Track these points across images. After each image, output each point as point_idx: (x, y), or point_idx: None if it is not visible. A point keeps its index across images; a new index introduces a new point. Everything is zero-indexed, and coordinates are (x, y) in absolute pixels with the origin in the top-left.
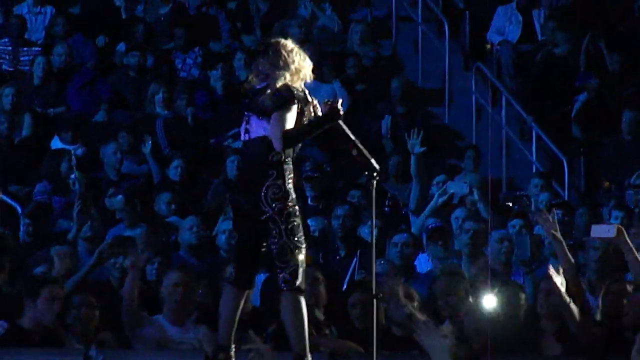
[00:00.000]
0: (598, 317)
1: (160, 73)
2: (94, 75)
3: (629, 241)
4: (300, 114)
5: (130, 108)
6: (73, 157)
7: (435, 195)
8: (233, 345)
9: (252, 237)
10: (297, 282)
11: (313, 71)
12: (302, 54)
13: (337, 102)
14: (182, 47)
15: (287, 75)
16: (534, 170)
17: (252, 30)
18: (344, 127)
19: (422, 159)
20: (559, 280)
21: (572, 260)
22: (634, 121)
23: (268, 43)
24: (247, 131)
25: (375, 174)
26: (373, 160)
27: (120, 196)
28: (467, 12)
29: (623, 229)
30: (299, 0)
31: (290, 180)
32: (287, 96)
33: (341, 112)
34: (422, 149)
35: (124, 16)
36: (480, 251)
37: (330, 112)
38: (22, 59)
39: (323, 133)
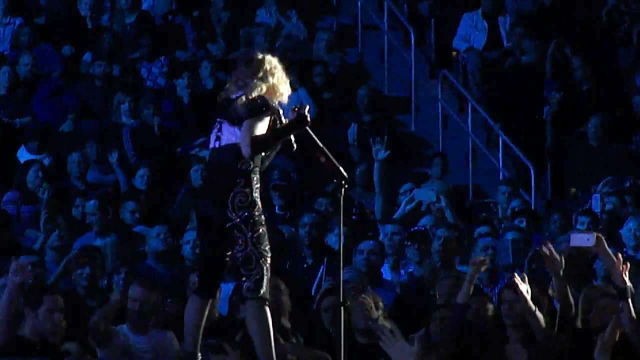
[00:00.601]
0: (578, 323)
1: (126, 82)
2: (60, 85)
3: (608, 249)
4: (272, 127)
5: (96, 117)
6: (40, 167)
7: (403, 203)
8: (199, 354)
9: (216, 245)
10: (262, 291)
11: None
12: (285, 75)
13: (305, 108)
14: (148, 56)
15: (264, 88)
16: (500, 178)
17: (216, 38)
18: (312, 134)
19: (386, 166)
20: (525, 288)
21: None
22: (599, 127)
23: (254, 56)
24: (218, 138)
25: (343, 182)
26: (341, 168)
27: (92, 201)
28: (432, 19)
29: (602, 237)
30: (263, 8)
31: (257, 190)
32: (261, 104)
33: (309, 119)
34: (387, 153)
35: (89, 26)
36: (452, 258)
37: (298, 118)
38: None
39: (291, 141)
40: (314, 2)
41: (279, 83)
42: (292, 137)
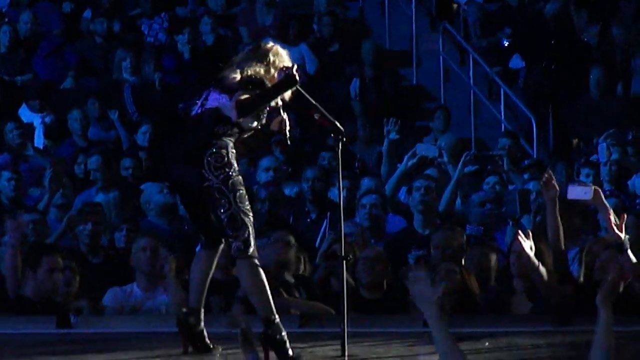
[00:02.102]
0: (581, 277)
1: (127, 39)
2: (61, 43)
3: (605, 203)
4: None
5: (97, 75)
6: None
7: (405, 159)
8: (202, 309)
9: (199, 206)
10: (250, 250)
11: (280, 34)
12: (281, 62)
13: (293, 68)
14: (149, 12)
15: (262, 71)
16: (502, 130)
17: None
18: (303, 92)
19: (395, 145)
20: (528, 245)
21: (559, 223)
22: (601, 79)
23: (262, 44)
24: (202, 105)
25: (340, 136)
26: (337, 123)
27: (95, 157)
28: None
29: (599, 190)
30: None
31: (233, 154)
32: (255, 80)
33: (297, 78)
34: (397, 136)
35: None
36: (435, 208)
37: (287, 78)
38: None
39: (286, 135)
40: None
41: (273, 68)
42: (287, 131)
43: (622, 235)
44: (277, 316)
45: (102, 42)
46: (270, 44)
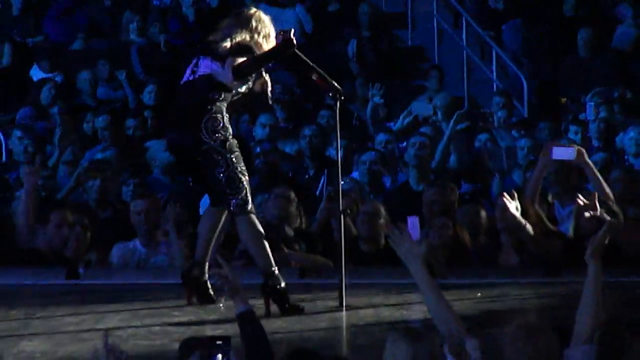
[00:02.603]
0: (571, 232)
1: (134, 2)
2: (71, 5)
3: (589, 162)
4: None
5: (106, 36)
6: (53, 85)
7: (401, 117)
8: (207, 263)
9: (196, 168)
10: (249, 206)
11: None
12: (272, 32)
13: (290, 32)
14: None
15: (248, 38)
16: (494, 89)
17: None
18: (301, 54)
19: (379, 107)
20: (513, 205)
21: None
22: (588, 39)
23: (244, 10)
24: (193, 72)
25: (338, 95)
26: (334, 82)
27: (103, 116)
28: None
29: (583, 150)
30: None
31: (227, 118)
32: (244, 47)
33: (294, 42)
34: (381, 100)
35: None
36: (429, 164)
37: (284, 42)
38: None
39: (267, 96)
40: None
41: (263, 41)
42: (269, 92)
43: (597, 211)
44: (276, 268)
45: (110, 5)
46: (253, 10)
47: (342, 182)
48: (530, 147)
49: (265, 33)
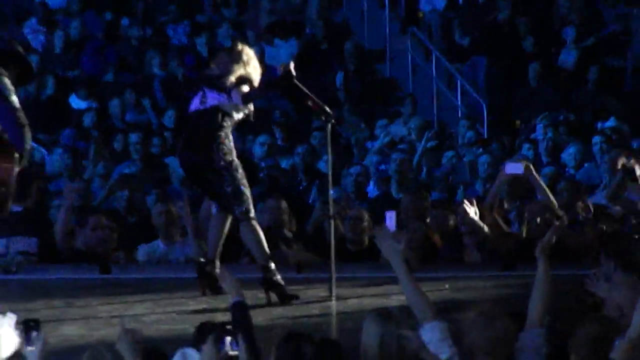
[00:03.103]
0: (524, 232)
1: (156, 41)
2: (103, 44)
3: (536, 175)
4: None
5: (133, 70)
6: (94, 112)
7: (380, 137)
8: (217, 260)
9: (211, 184)
10: (251, 214)
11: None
12: (257, 64)
13: (290, 65)
14: (174, 19)
15: (243, 71)
16: (459, 113)
17: (230, 4)
18: (298, 84)
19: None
20: (472, 211)
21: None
22: (538, 71)
23: (235, 47)
24: (202, 102)
25: (329, 118)
26: (326, 107)
27: (136, 134)
28: None
29: (530, 165)
30: None
31: (232, 141)
32: (244, 79)
33: (294, 74)
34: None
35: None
36: (409, 177)
37: (285, 74)
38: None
39: (250, 115)
40: None
41: (253, 71)
42: (252, 110)
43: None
44: (272, 264)
45: (136, 44)
46: (241, 46)
47: (331, 192)
48: (490, 162)
49: (254, 64)
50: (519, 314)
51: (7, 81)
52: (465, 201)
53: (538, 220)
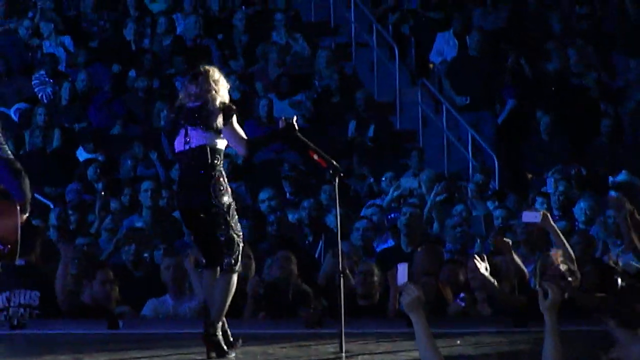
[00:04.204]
0: (537, 286)
1: (164, 93)
2: (111, 97)
3: (553, 225)
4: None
5: (140, 123)
6: (98, 165)
7: (391, 190)
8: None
9: (205, 228)
10: (237, 266)
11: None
12: (224, 81)
13: (293, 119)
14: (182, 71)
15: (217, 96)
16: (470, 166)
17: (237, 56)
18: (303, 138)
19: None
20: (483, 267)
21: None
22: (549, 124)
23: (198, 71)
24: (187, 142)
25: (336, 172)
26: (333, 161)
27: (148, 182)
28: (412, 38)
29: (547, 214)
30: (274, 30)
31: (225, 178)
32: (230, 110)
33: (296, 127)
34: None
35: (133, 48)
36: (418, 231)
37: (287, 127)
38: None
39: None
40: (316, 26)
41: (223, 88)
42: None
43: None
44: (219, 326)
45: (143, 96)
46: (206, 67)
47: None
48: (504, 216)
49: (222, 82)
50: None
51: None
52: (476, 256)
53: (550, 276)
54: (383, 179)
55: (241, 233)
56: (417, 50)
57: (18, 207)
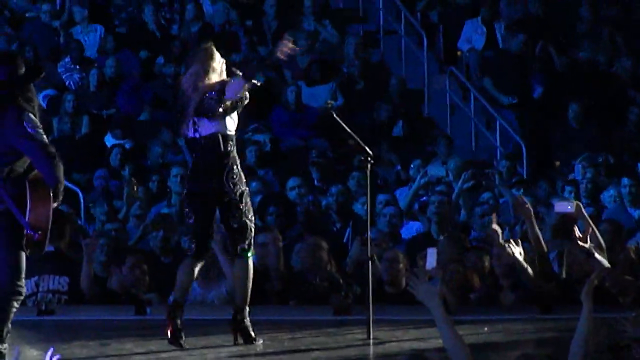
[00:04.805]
0: (563, 274)
1: None
2: (139, 83)
3: (585, 214)
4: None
5: (168, 109)
6: (121, 150)
7: (418, 177)
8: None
9: (210, 216)
10: (251, 251)
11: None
12: (213, 55)
13: (332, 103)
14: None
15: (213, 78)
16: (498, 154)
17: (266, 42)
18: (340, 122)
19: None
20: (517, 251)
21: (540, 237)
22: (578, 112)
23: (205, 49)
24: (195, 130)
25: (368, 158)
26: (366, 147)
27: (177, 168)
28: (441, 25)
29: (580, 205)
30: (304, 17)
31: (238, 163)
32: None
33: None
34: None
35: (162, 34)
36: (447, 219)
37: (326, 112)
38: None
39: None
40: (345, 13)
41: (215, 63)
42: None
43: (587, 244)
44: (247, 308)
45: (171, 83)
46: (204, 46)
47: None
48: (531, 203)
49: (214, 59)
50: (558, 358)
51: (32, 117)
52: (511, 241)
53: (579, 262)
54: (412, 166)
55: (253, 220)
56: (445, 38)
57: (51, 195)
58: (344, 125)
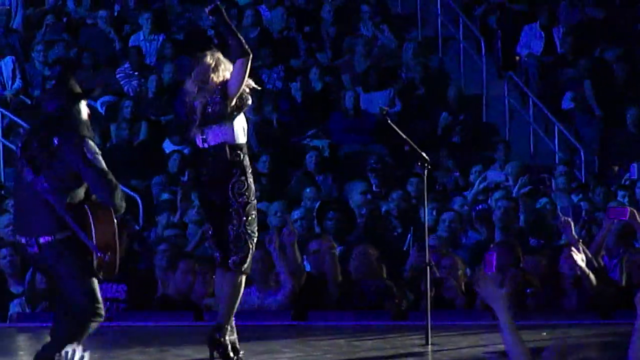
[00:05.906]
0: (623, 280)
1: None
2: None
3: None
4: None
5: None
6: (180, 156)
7: (477, 182)
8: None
9: (221, 224)
10: (244, 267)
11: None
12: (221, 60)
13: (387, 109)
14: (268, 64)
15: (218, 81)
16: (556, 159)
17: (324, 49)
18: (397, 129)
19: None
20: (580, 258)
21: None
22: (636, 117)
23: (205, 54)
24: (204, 140)
25: (426, 164)
26: (423, 153)
27: None
28: (499, 31)
29: (635, 211)
30: (361, 23)
31: (250, 174)
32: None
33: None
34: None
35: (219, 40)
36: (512, 223)
37: (382, 118)
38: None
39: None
40: (402, 18)
41: (222, 69)
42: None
43: None
44: (228, 327)
45: None
46: (211, 52)
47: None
48: (588, 210)
49: (221, 64)
50: None
51: (91, 144)
52: (573, 247)
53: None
54: (472, 171)
55: (255, 234)
56: (504, 43)
57: (113, 214)
58: (399, 131)
